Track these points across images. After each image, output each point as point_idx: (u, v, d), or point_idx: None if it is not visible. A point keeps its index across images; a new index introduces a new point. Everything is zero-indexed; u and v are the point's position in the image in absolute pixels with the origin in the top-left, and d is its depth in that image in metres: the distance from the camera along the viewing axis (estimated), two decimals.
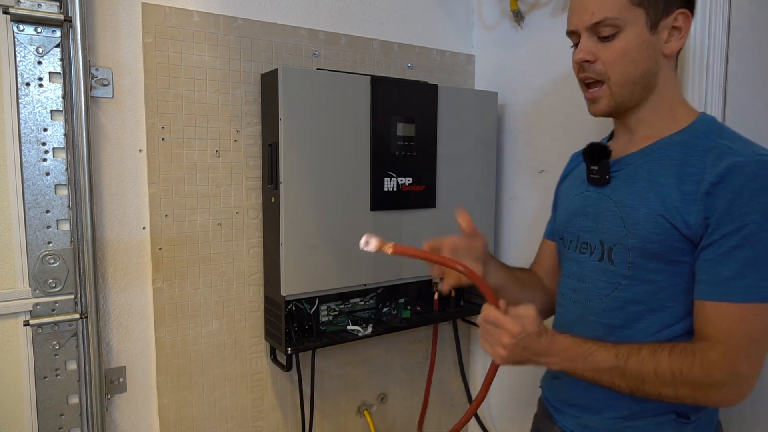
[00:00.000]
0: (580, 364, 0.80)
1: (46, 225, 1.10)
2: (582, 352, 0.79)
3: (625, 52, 0.81)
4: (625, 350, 0.78)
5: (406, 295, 1.50)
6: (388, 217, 1.34)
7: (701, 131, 0.82)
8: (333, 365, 1.49)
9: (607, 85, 0.84)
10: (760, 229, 0.72)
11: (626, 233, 0.83)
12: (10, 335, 1.09)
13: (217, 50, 1.25)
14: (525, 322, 0.79)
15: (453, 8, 1.64)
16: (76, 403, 1.15)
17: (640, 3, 0.80)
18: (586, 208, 0.93)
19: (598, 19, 0.81)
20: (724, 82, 1.08)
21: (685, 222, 0.77)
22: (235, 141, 1.28)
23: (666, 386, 0.76)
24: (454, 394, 1.75)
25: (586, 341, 0.81)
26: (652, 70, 0.83)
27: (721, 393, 0.75)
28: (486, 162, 1.52)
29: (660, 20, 0.81)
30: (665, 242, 0.79)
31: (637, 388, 0.78)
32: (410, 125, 1.34)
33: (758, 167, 0.73)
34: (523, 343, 0.79)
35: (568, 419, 0.96)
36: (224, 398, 1.32)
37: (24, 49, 1.05)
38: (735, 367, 0.74)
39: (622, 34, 0.81)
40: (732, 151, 0.76)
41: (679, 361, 0.75)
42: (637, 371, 0.77)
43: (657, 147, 0.85)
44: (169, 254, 1.22)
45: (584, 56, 0.84)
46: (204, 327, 1.28)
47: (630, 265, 0.83)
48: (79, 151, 1.07)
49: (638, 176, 0.85)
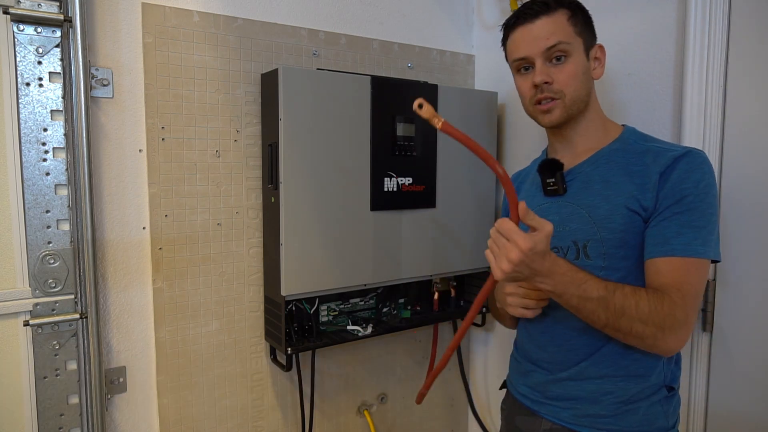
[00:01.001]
0: (572, 288, 0.85)
1: (46, 225, 1.10)
2: (577, 278, 0.85)
3: (575, 73, 0.95)
4: (612, 285, 0.86)
5: (406, 295, 1.50)
6: (388, 217, 1.34)
7: (631, 140, 0.98)
8: (333, 365, 1.49)
9: (561, 100, 0.97)
10: (694, 199, 0.87)
11: (596, 229, 0.95)
12: (10, 335, 1.09)
13: (217, 50, 1.25)
14: (537, 239, 0.79)
15: (453, 8, 1.64)
16: (76, 403, 1.15)
17: (579, 33, 0.96)
18: (546, 218, 0.97)
19: (553, 42, 0.94)
20: (724, 82, 1.08)
21: (642, 206, 0.91)
22: (235, 141, 1.28)
23: (640, 322, 0.84)
24: (454, 394, 1.75)
25: (580, 270, 0.86)
26: (588, 90, 0.98)
27: (675, 335, 0.85)
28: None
29: (590, 49, 0.98)
30: (630, 229, 0.92)
31: (613, 321, 0.85)
32: (410, 125, 1.34)
33: (691, 156, 0.90)
34: (528, 260, 0.80)
35: (561, 411, 0.99)
36: (224, 398, 1.32)
37: (24, 49, 1.05)
38: (688, 312, 0.85)
39: (571, 58, 0.95)
40: (666, 148, 0.93)
41: (654, 299, 0.85)
42: (620, 303, 0.84)
43: (600, 155, 0.99)
44: (169, 254, 1.22)
45: (544, 78, 0.96)
46: (204, 327, 1.28)
47: (605, 257, 0.94)
48: (79, 151, 1.07)
49: (592, 181, 0.98)
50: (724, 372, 1.11)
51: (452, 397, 1.75)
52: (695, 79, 1.09)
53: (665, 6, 1.17)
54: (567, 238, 0.99)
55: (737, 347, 1.08)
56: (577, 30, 0.96)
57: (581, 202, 0.98)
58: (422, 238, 1.40)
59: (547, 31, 0.95)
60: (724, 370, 1.10)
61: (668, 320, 0.84)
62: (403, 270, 1.38)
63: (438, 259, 1.44)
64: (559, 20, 0.95)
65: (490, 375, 1.74)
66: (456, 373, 1.73)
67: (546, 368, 1.01)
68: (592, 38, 0.99)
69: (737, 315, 1.08)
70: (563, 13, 0.95)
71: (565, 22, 0.95)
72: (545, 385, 1.01)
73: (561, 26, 0.95)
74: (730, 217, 1.08)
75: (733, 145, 1.08)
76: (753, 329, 1.06)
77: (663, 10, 1.18)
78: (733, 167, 1.08)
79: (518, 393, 1.08)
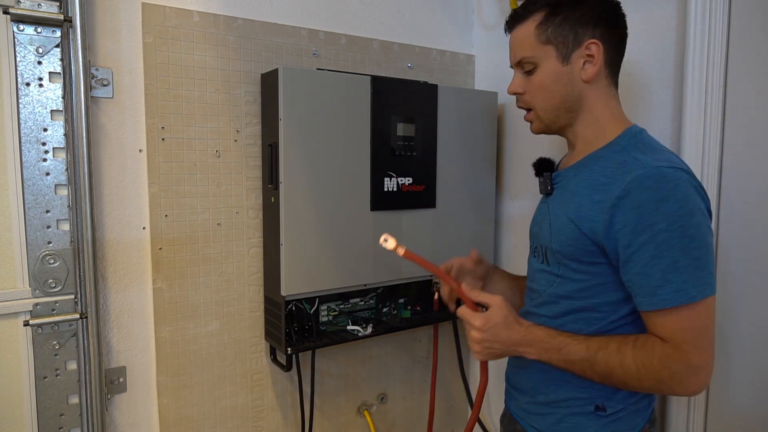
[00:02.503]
0: (554, 354, 0.86)
1: (46, 225, 1.10)
2: (556, 344, 0.86)
3: (542, 84, 0.93)
4: (595, 344, 0.84)
5: (406, 295, 1.50)
6: (388, 217, 1.34)
7: (621, 145, 0.90)
8: (333, 365, 1.49)
9: (534, 112, 0.97)
10: (671, 236, 0.78)
11: (551, 239, 0.94)
12: (10, 335, 1.09)
13: (217, 50, 1.25)
14: (490, 313, 0.87)
15: (453, 8, 1.64)
16: (76, 403, 1.15)
17: (547, 41, 0.91)
18: (537, 216, 1.05)
19: (518, 58, 0.95)
20: (724, 82, 1.08)
21: (592, 229, 0.85)
22: (235, 141, 1.28)
23: (632, 379, 0.82)
24: (454, 394, 1.75)
25: (559, 333, 0.87)
26: (572, 95, 0.93)
27: (681, 384, 0.80)
28: (486, 162, 1.52)
29: (572, 52, 0.91)
30: (578, 246, 0.88)
31: (606, 378, 0.84)
32: (410, 125, 1.34)
33: (655, 180, 0.79)
34: (490, 335, 0.86)
35: (512, 402, 1.05)
36: (224, 398, 1.32)
37: (24, 49, 1.05)
38: (689, 359, 0.79)
39: (539, 69, 0.93)
40: (637, 164, 0.83)
41: (641, 355, 0.81)
42: (605, 364, 0.83)
43: (585, 161, 0.94)
44: (169, 254, 1.22)
45: (514, 89, 0.98)
46: (204, 327, 1.28)
47: (559, 266, 0.94)
48: (79, 151, 1.07)
49: (567, 188, 0.95)
50: (724, 372, 1.11)
51: (452, 397, 1.75)
52: (695, 79, 1.09)
53: (665, 6, 1.17)
54: (539, 241, 1.00)
55: (737, 347, 1.08)
56: (546, 37, 0.91)
57: (552, 209, 0.97)
58: (422, 238, 1.40)
59: (517, 44, 0.96)
60: (724, 371, 1.10)
61: (665, 373, 0.79)
62: (403, 270, 1.38)
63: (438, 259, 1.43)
64: (527, 31, 0.93)
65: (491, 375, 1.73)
66: (456, 373, 1.73)
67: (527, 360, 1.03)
68: (575, 39, 0.90)
69: (737, 315, 1.08)
70: (534, 20, 0.92)
71: (532, 33, 0.92)
72: (512, 370, 1.07)
73: (526, 38, 0.93)
74: (729, 217, 1.08)
75: (733, 145, 1.08)
76: (753, 329, 1.06)
77: (663, 10, 1.18)
78: (733, 167, 1.08)
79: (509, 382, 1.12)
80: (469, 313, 0.89)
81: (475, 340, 0.88)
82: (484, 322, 0.86)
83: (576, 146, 0.99)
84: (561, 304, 0.94)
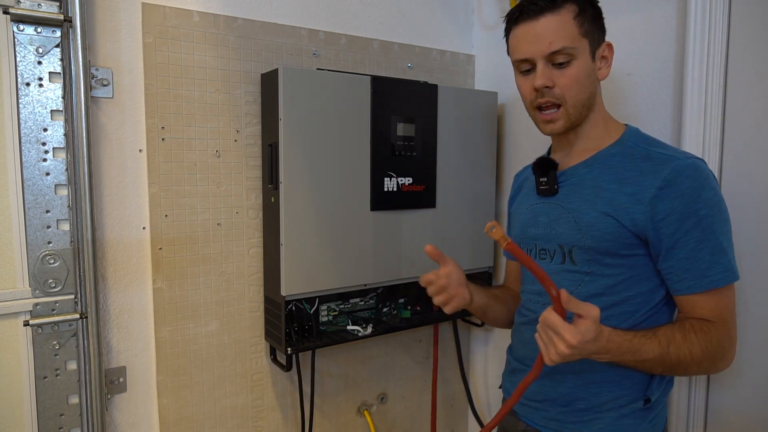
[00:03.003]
0: (628, 356, 0.85)
1: (46, 225, 1.10)
2: (633, 347, 0.84)
3: (578, 77, 0.90)
4: (664, 338, 0.85)
5: (406, 295, 1.50)
6: (388, 217, 1.34)
7: (632, 142, 0.94)
8: (333, 365, 1.49)
9: (563, 108, 0.93)
10: (714, 220, 0.84)
11: (582, 235, 0.92)
12: (10, 335, 1.09)
13: (217, 50, 1.25)
14: (584, 329, 0.78)
15: (453, 8, 1.64)
16: (76, 403, 1.15)
17: (585, 34, 0.90)
18: (536, 218, 1.02)
19: (556, 48, 0.88)
20: (724, 82, 1.08)
21: (633, 220, 0.87)
22: (235, 141, 1.28)
23: (695, 365, 0.85)
24: (454, 394, 1.75)
25: (634, 335, 0.85)
26: (594, 92, 0.94)
27: (725, 360, 0.87)
28: (486, 162, 1.52)
29: (596, 50, 0.93)
30: (617, 240, 0.89)
31: (671, 369, 0.86)
32: (410, 125, 1.34)
33: (693, 170, 0.84)
34: (579, 350, 0.80)
35: (535, 413, 1.00)
36: (224, 398, 1.32)
37: (24, 49, 1.05)
38: (732, 336, 0.87)
39: (575, 62, 0.90)
40: (668, 157, 0.87)
41: (703, 339, 0.84)
42: (676, 356, 0.84)
43: (598, 158, 0.95)
44: (169, 254, 1.22)
45: (545, 82, 0.91)
46: (204, 327, 1.28)
47: (589, 263, 0.92)
48: (79, 151, 1.07)
49: (584, 185, 0.94)
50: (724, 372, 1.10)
51: (452, 397, 1.75)
52: (695, 79, 1.09)
53: (665, 6, 1.17)
54: (554, 241, 0.97)
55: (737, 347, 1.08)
56: (584, 30, 0.89)
57: (570, 206, 0.95)
58: (422, 238, 1.40)
59: (551, 33, 0.88)
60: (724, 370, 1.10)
61: (719, 352, 0.85)
62: (403, 270, 1.38)
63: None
64: (564, 20, 0.88)
65: (490, 375, 1.74)
66: (456, 373, 1.73)
67: (530, 366, 1.01)
68: (600, 37, 0.93)
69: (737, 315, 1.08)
70: (570, 10, 0.88)
71: (571, 22, 0.88)
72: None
73: (566, 27, 0.88)
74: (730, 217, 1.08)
75: (733, 145, 1.08)
76: (753, 329, 1.06)
77: (663, 10, 1.18)
78: (733, 167, 1.08)
79: (507, 392, 1.10)
80: (564, 326, 0.79)
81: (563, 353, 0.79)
82: (580, 339, 0.78)
83: (576, 145, 0.98)
84: (591, 302, 0.89)
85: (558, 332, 0.79)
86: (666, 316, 0.92)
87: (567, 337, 0.78)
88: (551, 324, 0.80)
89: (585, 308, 0.79)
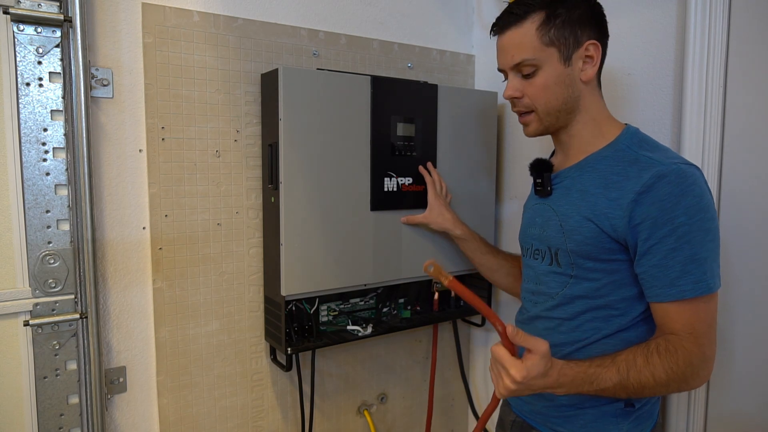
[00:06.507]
0: (585, 387, 0.84)
1: (46, 225, 1.10)
2: (588, 377, 0.84)
3: (546, 86, 0.92)
4: (624, 364, 0.83)
5: (406, 295, 1.50)
6: (388, 217, 1.34)
7: (624, 144, 0.92)
8: (333, 365, 1.49)
9: (536, 113, 0.96)
10: (691, 229, 0.81)
11: (565, 239, 0.93)
12: (10, 335, 1.09)
13: (217, 50, 1.25)
14: (530, 365, 0.80)
15: (453, 8, 1.64)
16: (76, 403, 1.15)
17: (550, 43, 0.91)
18: (534, 218, 1.04)
19: (517, 60, 0.93)
20: (724, 82, 1.08)
21: (612, 225, 0.86)
22: (235, 141, 1.28)
23: (662, 386, 0.83)
24: (454, 394, 1.75)
25: (589, 365, 0.85)
26: (572, 96, 0.94)
27: (698, 377, 0.84)
28: (486, 162, 1.52)
29: (572, 54, 0.92)
30: (597, 245, 0.89)
31: (636, 393, 0.84)
32: (410, 125, 1.34)
33: (675, 176, 0.82)
34: (525, 386, 0.81)
35: (525, 406, 1.05)
36: (224, 398, 1.32)
37: (24, 49, 1.05)
38: (705, 352, 0.83)
39: (541, 72, 0.92)
40: (653, 161, 0.85)
41: (668, 360, 0.82)
42: (637, 381, 0.83)
43: (588, 161, 0.95)
44: (169, 254, 1.22)
45: (512, 93, 0.96)
46: (204, 327, 1.28)
47: (573, 266, 0.93)
48: (79, 151, 1.07)
49: (573, 188, 0.95)
50: (724, 372, 1.11)
51: (452, 397, 1.75)
52: (695, 79, 1.09)
53: (665, 6, 1.17)
54: (545, 243, 0.99)
55: (737, 347, 1.08)
56: (549, 38, 0.90)
57: (559, 209, 0.97)
58: (422, 238, 1.40)
59: (513, 47, 0.93)
60: (723, 371, 1.10)
61: (688, 370, 0.82)
62: (403, 270, 1.38)
63: (438, 259, 1.44)
64: (526, 32, 0.91)
65: (484, 370, 1.74)
66: (456, 373, 1.73)
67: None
68: (578, 40, 0.91)
69: (737, 315, 1.08)
70: (534, 21, 0.91)
71: (533, 34, 0.91)
72: None
73: (527, 40, 0.91)
74: (729, 218, 1.08)
75: (733, 145, 1.08)
76: (752, 329, 1.06)
77: (663, 10, 1.18)
78: (733, 167, 1.08)
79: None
80: (510, 361, 0.81)
81: (508, 388, 0.81)
82: (525, 375, 0.79)
83: (571, 146, 0.99)
84: (576, 304, 0.94)
85: (504, 367, 0.81)
86: (653, 324, 0.90)
87: (512, 373, 0.80)
88: (498, 358, 0.82)
89: (533, 342, 0.80)
